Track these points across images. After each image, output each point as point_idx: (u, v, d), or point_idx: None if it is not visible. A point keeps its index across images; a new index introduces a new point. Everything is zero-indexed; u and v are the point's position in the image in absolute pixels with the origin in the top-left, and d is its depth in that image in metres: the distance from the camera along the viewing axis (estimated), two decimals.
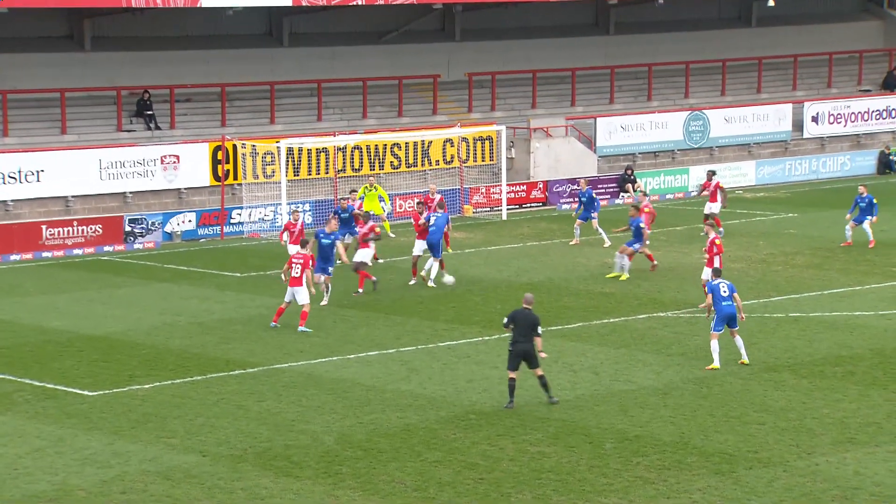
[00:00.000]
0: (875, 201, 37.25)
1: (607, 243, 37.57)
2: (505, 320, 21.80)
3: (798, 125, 55.01)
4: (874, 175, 54.29)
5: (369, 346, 26.53)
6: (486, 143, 48.42)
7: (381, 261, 34.70)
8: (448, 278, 31.29)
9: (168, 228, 41.38)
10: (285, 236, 33.08)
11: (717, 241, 29.61)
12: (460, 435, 20.63)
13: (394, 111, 50.02)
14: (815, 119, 55.19)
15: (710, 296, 24.17)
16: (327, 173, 45.17)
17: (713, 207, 39.36)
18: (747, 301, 30.11)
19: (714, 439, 20.27)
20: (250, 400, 22.78)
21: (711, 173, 40.64)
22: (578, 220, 38.37)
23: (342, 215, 34.74)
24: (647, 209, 34.50)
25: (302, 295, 27.64)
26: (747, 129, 53.74)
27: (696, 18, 58.35)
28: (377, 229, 32.29)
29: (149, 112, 45.35)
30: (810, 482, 18.54)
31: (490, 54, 52.93)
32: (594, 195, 39.02)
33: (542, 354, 21.79)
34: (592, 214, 38.37)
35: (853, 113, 55.89)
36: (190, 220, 41.84)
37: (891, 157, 54.94)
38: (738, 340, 24.28)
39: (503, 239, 37.87)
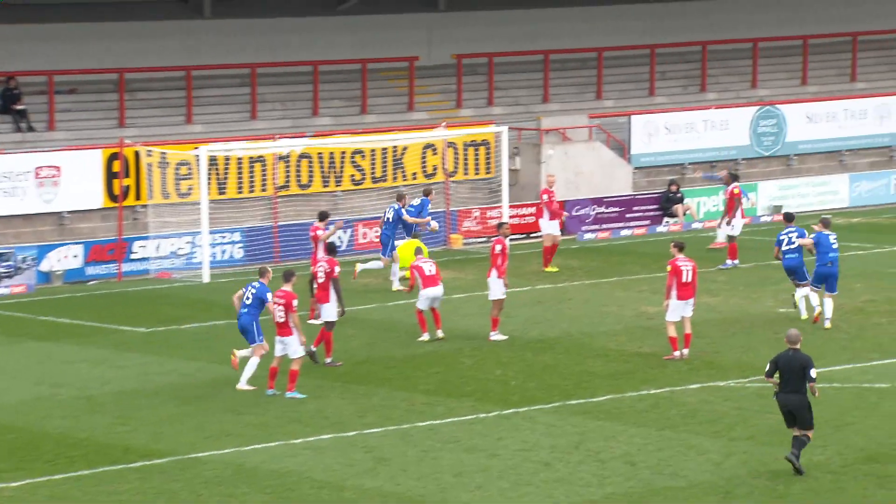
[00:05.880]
0: None
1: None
2: (768, 367, 23.60)
3: None
4: None
5: (321, 427, 26.48)
6: (482, 149, 48.55)
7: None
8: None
9: (45, 266, 41.32)
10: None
11: (673, 265, 30.62)
12: None
13: (356, 106, 50.10)
14: None
15: None
16: (264, 191, 45.21)
17: (736, 227, 41.68)
18: (839, 366, 30.09)
19: None
20: (158, 502, 22.68)
21: (733, 177, 42.69)
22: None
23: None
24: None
25: (293, 347, 28.29)
26: (838, 131, 53.89)
27: None
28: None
29: (18, 107, 45.36)
30: None
31: (486, 29, 53.08)
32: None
33: (816, 393, 23.52)
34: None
35: None
36: (76, 255, 41.79)
37: None
38: None
39: None
